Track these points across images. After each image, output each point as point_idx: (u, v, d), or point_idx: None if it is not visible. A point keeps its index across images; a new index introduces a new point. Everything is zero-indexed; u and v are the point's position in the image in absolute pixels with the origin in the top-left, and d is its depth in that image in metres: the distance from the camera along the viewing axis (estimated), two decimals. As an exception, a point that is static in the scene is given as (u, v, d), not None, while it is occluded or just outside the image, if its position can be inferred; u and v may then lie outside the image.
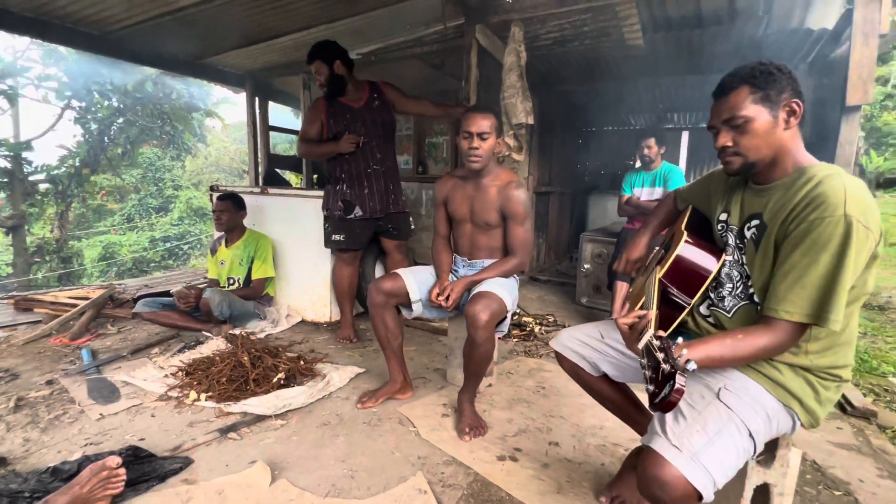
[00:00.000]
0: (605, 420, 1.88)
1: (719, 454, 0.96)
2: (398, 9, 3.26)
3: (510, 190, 1.86)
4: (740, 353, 1.01)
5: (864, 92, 2.45)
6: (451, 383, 2.25)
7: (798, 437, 1.85)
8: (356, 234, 2.81)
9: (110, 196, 12.98)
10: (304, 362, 2.33)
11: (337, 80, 2.67)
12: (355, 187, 2.77)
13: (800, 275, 0.98)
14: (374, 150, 2.78)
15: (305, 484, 1.48)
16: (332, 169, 2.82)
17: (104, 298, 3.21)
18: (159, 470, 1.48)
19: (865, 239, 0.95)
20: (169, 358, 2.45)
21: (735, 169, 1.12)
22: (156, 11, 3.22)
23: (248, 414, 1.89)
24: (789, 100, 1.06)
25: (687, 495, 0.94)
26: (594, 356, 1.41)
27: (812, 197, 0.99)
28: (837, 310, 0.95)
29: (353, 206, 2.77)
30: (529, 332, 3.06)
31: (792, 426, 1.09)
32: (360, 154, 2.75)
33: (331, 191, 2.83)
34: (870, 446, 1.82)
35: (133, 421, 1.85)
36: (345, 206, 2.77)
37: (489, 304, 1.72)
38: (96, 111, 9.54)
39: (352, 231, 2.80)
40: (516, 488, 1.48)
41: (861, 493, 1.53)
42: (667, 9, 3.16)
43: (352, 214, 2.78)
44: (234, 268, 3.08)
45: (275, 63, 4.61)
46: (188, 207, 14.48)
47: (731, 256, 1.20)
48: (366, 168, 2.77)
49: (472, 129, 1.81)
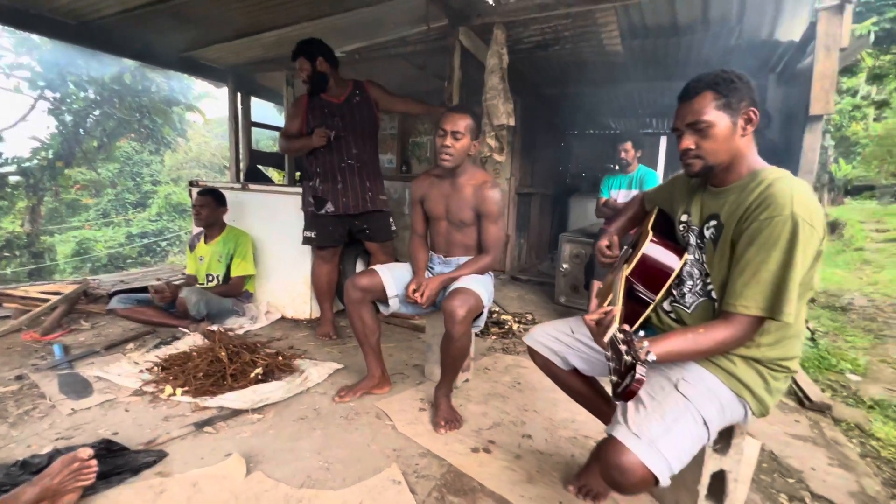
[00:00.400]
0: (577, 414, 1.94)
1: (675, 441, 1.02)
2: (383, 8, 3.28)
3: (485, 189, 1.91)
4: (701, 346, 1.08)
5: (826, 102, 2.58)
6: (429, 379, 2.28)
7: (758, 429, 1.94)
8: (328, 231, 2.80)
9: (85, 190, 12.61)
10: (282, 358, 2.33)
11: (319, 77, 2.68)
12: (328, 182, 2.76)
13: (754, 271, 1.05)
14: (349, 145, 2.75)
15: (281, 475, 1.50)
16: (308, 164, 2.83)
17: (77, 293, 3.15)
18: (132, 463, 1.48)
19: (811, 236, 1.02)
20: (144, 353, 2.43)
21: (696, 171, 1.19)
22: (137, 2, 3.16)
23: (225, 408, 1.89)
24: (747, 108, 1.13)
25: (644, 480, 1.00)
26: (564, 351, 1.46)
27: (763, 198, 1.06)
28: (790, 303, 1.02)
29: (324, 201, 2.76)
30: (508, 330, 3.12)
31: (744, 415, 1.16)
32: (334, 149, 2.73)
33: (305, 186, 2.85)
34: (823, 438, 1.93)
35: (106, 415, 1.84)
36: (315, 202, 2.77)
37: (466, 299, 1.76)
38: (71, 102, 9.28)
39: (323, 227, 2.79)
40: (488, 478, 1.52)
41: (812, 481, 1.62)
42: (644, 17, 3.26)
43: (323, 210, 2.76)
44: (213, 264, 3.05)
45: (258, 58, 4.57)
46: (167, 203, 14.16)
47: (692, 255, 1.27)
48: (339, 162, 2.74)
49: (446, 127, 1.86)
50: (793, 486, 1.58)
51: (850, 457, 1.80)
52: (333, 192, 2.75)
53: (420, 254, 2.11)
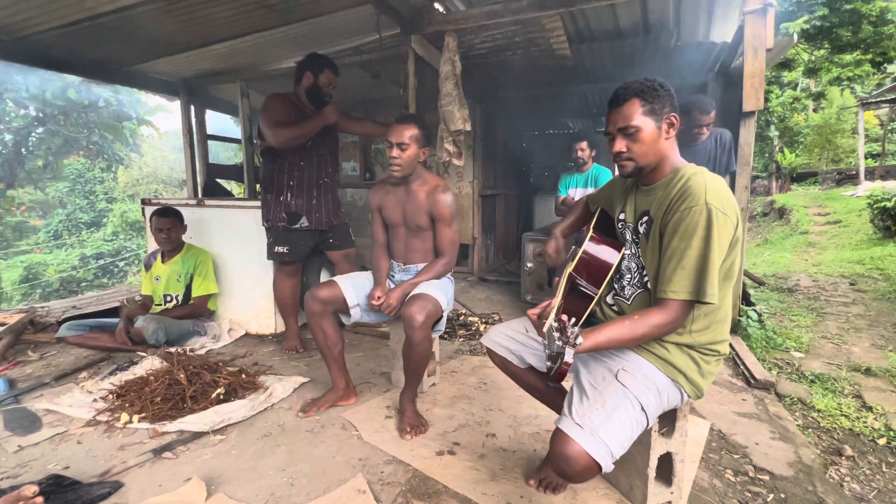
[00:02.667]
0: (540, 409, 1.99)
1: (615, 428, 1.09)
2: (334, 18, 3.29)
3: (437, 194, 1.95)
4: (637, 332, 1.13)
5: (756, 99, 2.76)
6: (396, 386, 2.30)
7: (708, 410, 2.06)
8: (300, 246, 2.79)
9: (32, 212, 11.92)
10: (245, 376, 2.29)
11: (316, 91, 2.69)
12: (303, 197, 2.75)
13: (679, 258, 1.13)
14: (326, 162, 2.82)
15: (243, 495, 1.48)
16: (279, 177, 2.75)
17: (23, 323, 2.99)
18: (85, 496, 1.43)
19: (725, 223, 1.12)
20: (99, 381, 2.33)
21: (629, 172, 1.27)
22: (73, 17, 3.05)
23: (185, 432, 1.85)
24: (669, 113, 1.23)
25: (588, 467, 1.05)
26: (520, 349, 1.52)
27: (682, 190, 1.16)
28: (712, 284, 1.11)
29: (298, 216, 2.75)
30: (475, 332, 3.17)
31: (680, 398, 1.24)
32: (314, 164, 2.76)
33: (272, 201, 2.77)
34: (767, 413, 2.06)
35: (57, 449, 1.76)
36: (289, 217, 2.74)
37: (424, 305, 1.79)
38: (10, 121, 8.77)
39: (296, 242, 2.78)
40: (452, 480, 1.56)
41: (756, 455, 1.73)
42: (589, 22, 3.39)
43: (297, 225, 2.75)
44: (172, 284, 2.97)
45: (210, 70, 4.48)
46: (123, 221, 13.55)
47: (630, 250, 1.35)
48: (318, 179, 2.78)
49: (392, 139, 1.91)
50: (738, 462, 1.69)
51: (790, 429, 1.93)
52: (308, 207, 2.76)
53: (382, 262, 2.14)
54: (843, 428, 2.09)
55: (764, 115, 12.06)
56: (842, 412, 2.20)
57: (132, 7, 2.92)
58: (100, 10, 2.94)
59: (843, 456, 1.88)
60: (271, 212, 2.77)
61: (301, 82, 2.71)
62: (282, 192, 2.74)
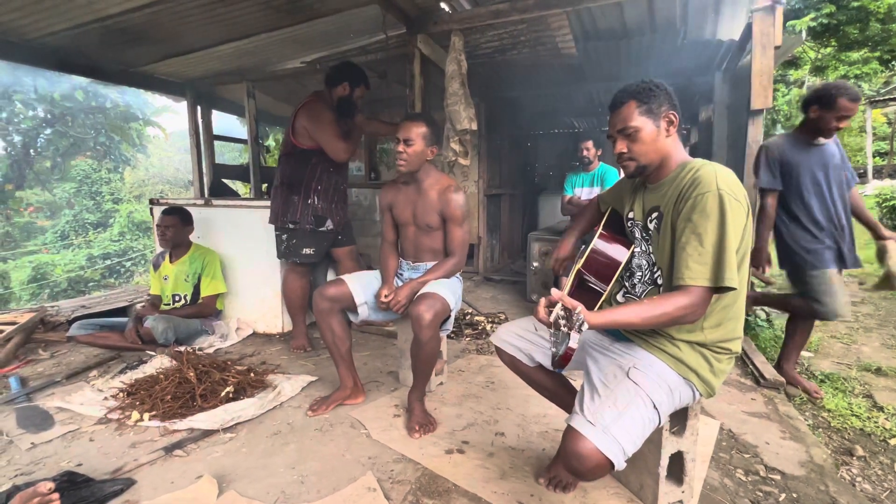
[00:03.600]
0: (549, 408, 1.98)
1: (627, 425, 1.08)
2: (341, 18, 3.30)
3: (449, 194, 1.96)
4: (658, 310, 1.09)
5: (765, 97, 2.74)
6: (404, 385, 2.30)
7: (717, 409, 2.05)
8: (323, 247, 2.85)
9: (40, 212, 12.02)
10: (254, 374, 2.31)
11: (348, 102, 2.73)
12: (328, 201, 2.79)
13: (695, 245, 1.12)
14: (345, 166, 2.90)
15: (254, 493, 1.49)
16: (308, 180, 2.74)
17: (34, 322, 3.02)
18: (98, 493, 1.44)
19: (738, 208, 1.12)
20: (109, 380, 2.35)
21: (632, 171, 1.28)
22: (81, 19, 3.07)
23: (195, 430, 1.86)
24: (667, 112, 1.24)
25: (600, 465, 1.05)
26: (529, 348, 1.52)
27: (693, 179, 1.17)
28: (730, 268, 1.10)
29: (325, 219, 2.78)
30: (481, 331, 3.17)
31: (692, 396, 1.24)
32: (341, 168, 2.83)
33: (299, 202, 2.74)
34: (777, 413, 2.05)
35: (69, 447, 1.78)
36: (316, 220, 2.76)
37: (433, 304, 1.79)
38: (19, 122, 8.85)
39: (320, 244, 2.82)
40: (462, 478, 1.56)
41: (766, 454, 1.72)
42: (595, 21, 3.38)
43: (323, 227, 2.78)
44: (180, 284, 2.99)
45: (216, 71, 4.50)
46: (130, 221, 13.64)
47: (640, 248, 1.35)
48: (341, 183, 2.87)
49: (399, 135, 1.93)
50: (748, 461, 1.68)
51: (801, 429, 1.91)
52: (331, 210, 2.81)
53: (390, 261, 2.15)
54: (854, 428, 2.07)
55: (770, 114, 11.98)
56: (852, 412, 2.19)
57: (140, 8, 2.94)
58: (108, 11, 2.97)
59: (854, 456, 1.86)
60: (299, 213, 2.74)
61: (335, 89, 2.71)
62: (310, 195, 2.75)
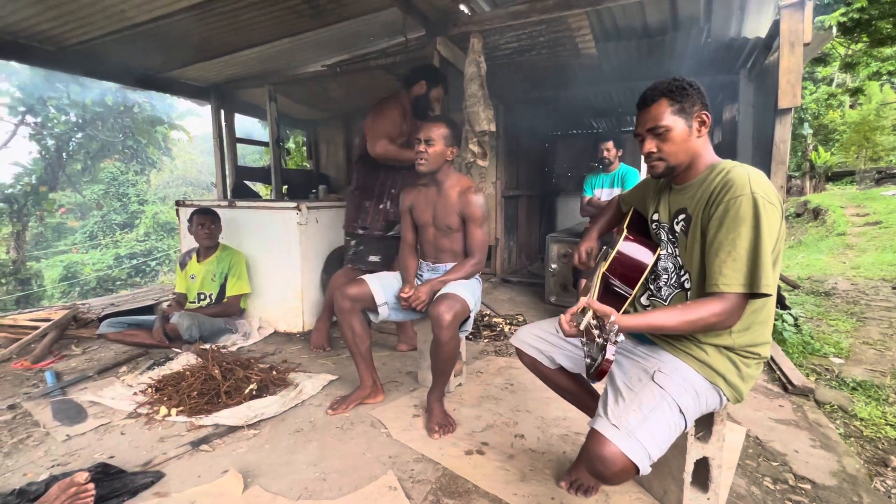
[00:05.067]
0: (569, 411, 1.97)
1: (652, 429, 1.07)
2: (360, 22, 3.35)
3: (468, 195, 1.97)
4: (691, 316, 1.08)
5: (793, 96, 2.67)
6: (423, 385, 2.31)
7: (743, 415, 2.00)
8: (389, 255, 2.72)
9: (70, 213, 12.48)
10: (276, 372, 2.35)
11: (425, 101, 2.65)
12: (396, 204, 2.65)
13: (729, 249, 1.10)
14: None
15: (278, 489, 1.52)
16: (381, 184, 2.70)
17: (67, 319, 3.14)
18: (130, 485, 1.49)
19: (773, 212, 1.10)
20: (138, 376, 2.43)
21: (660, 172, 1.26)
22: (113, 27, 3.19)
23: (220, 426, 1.91)
24: (700, 112, 1.22)
25: (625, 469, 1.04)
26: (550, 350, 1.51)
27: (724, 182, 1.14)
28: (766, 274, 1.07)
29: (394, 224, 2.70)
30: (499, 333, 3.16)
31: (719, 401, 1.21)
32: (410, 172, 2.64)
33: (370, 207, 2.69)
34: (806, 420, 1.99)
35: (102, 440, 1.84)
36: (386, 226, 2.71)
37: (452, 304, 1.80)
38: (53, 126, 9.21)
39: (387, 251, 2.72)
40: (482, 479, 1.56)
41: (795, 463, 1.67)
42: (616, 20, 3.35)
43: (392, 232, 2.71)
44: (206, 283, 3.06)
45: (239, 75, 4.61)
46: (154, 222, 14.07)
47: (665, 250, 1.33)
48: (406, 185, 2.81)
49: (420, 135, 1.96)
50: (777, 469, 1.64)
51: (832, 437, 1.86)
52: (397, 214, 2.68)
53: (410, 262, 2.17)
54: (889, 438, 2.00)
55: (797, 113, 11.63)
56: (886, 421, 2.11)
57: (168, 16, 3.03)
58: (137, 19, 3.07)
59: (889, 467, 1.79)
60: (370, 218, 2.69)
61: (412, 88, 2.63)
62: (382, 199, 2.68)
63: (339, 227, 3.28)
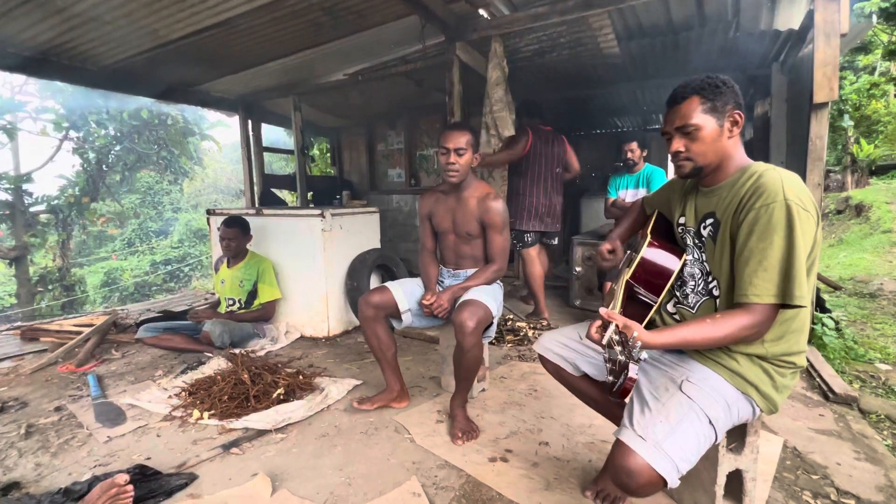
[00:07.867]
0: (594, 419, 1.94)
1: (681, 441, 1.04)
2: (380, 30, 3.39)
3: (488, 201, 1.96)
4: (720, 332, 1.05)
5: (829, 89, 2.55)
6: (446, 390, 2.32)
7: (781, 425, 1.92)
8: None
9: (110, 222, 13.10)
10: (302, 377, 2.40)
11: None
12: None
13: (760, 258, 1.06)
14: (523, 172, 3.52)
15: (305, 492, 1.55)
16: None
17: (107, 325, 3.29)
18: (165, 486, 1.55)
19: (807, 219, 1.05)
20: (172, 379, 2.53)
21: (686, 172, 1.21)
22: (147, 45, 3.35)
23: (250, 429, 1.96)
24: (733, 111, 1.16)
25: (652, 482, 1.01)
26: (574, 357, 1.49)
27: (755, 187, 1.09)
28: (800, 285, 1.03)
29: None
30: (523, 337, 3.13)
31: (752, 412, 1.16)
32: None
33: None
34: (850, 431, 1.88)
35: (139, 441, 1.92)
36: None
37: (475, 311, 1.80)
38: (93, 140, 9.70)
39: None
40: (506, 487, 1.55)
41: (837, 476, 1.59)
42: (639, 18, 3.28)
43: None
44: (234, 289, 3.16)
45: (266, 87, 4.75)
46: (187, 229, 14.63)
47: (692, 256, 1.29)
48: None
49: (449, 145, 1.92)
50: (817, 483, 1.56)
51: (878, 450, 1.75)
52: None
53: (430, 268, 2.17)
54: (942, 450, 1.87)
55: (836, 104, 11.06)
56: (940, 432, 1.97)
57: (197, 33, 3.16)
58: (171, 37, 3.21)
59: (942, 482, 1.68)
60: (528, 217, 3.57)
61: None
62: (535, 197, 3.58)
63: (362, 234, 3.34)
